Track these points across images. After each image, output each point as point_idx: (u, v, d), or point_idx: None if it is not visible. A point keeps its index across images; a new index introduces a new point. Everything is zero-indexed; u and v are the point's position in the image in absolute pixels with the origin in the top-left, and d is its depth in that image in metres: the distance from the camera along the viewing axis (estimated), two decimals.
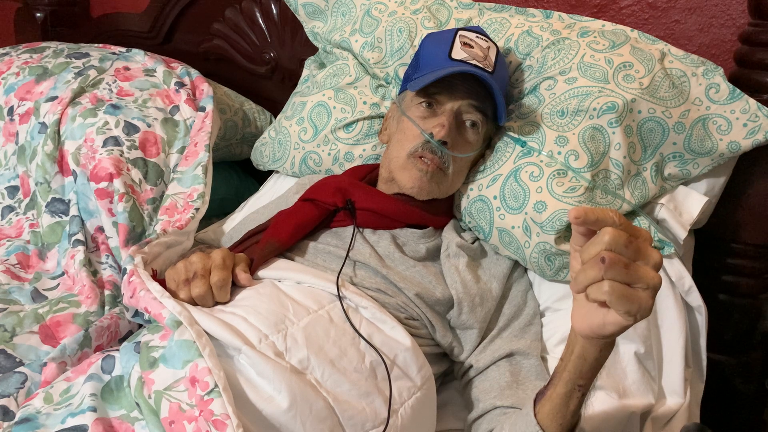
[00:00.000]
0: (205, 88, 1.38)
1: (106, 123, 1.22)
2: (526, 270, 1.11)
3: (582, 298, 0.61)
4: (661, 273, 1.00)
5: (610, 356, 0.97)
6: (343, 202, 1.06)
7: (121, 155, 1.17)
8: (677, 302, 1.03)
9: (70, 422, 0.74)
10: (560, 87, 1.09)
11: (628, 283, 0.57)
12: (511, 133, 1.09)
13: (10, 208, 1.26)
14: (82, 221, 1.15)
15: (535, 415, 0.73)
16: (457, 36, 1.07)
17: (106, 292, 1.07)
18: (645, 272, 0.57)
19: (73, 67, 1.35)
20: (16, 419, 0.77)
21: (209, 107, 1.31)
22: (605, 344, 0.65)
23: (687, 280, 1.03)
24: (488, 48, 1.07)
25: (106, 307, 1.04)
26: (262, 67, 1.60)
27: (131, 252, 0.95)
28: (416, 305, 0.97)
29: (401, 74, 1.23)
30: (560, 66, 1.10)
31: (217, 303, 0.88)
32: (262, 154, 1.37)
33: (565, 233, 1.01)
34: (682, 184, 1.10)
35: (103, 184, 1.14)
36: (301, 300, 0.88)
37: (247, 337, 0.80)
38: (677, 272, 1.03)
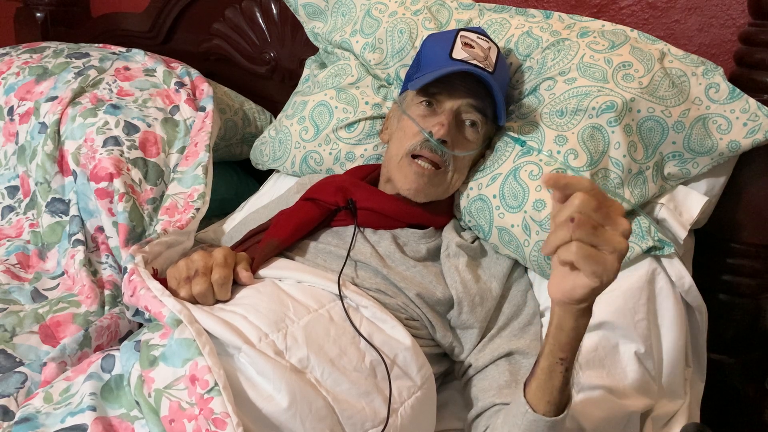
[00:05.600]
0: (205, 88, 1.38)
1: (106, 123, 1.22)
2: (526, 270, 1.11)
3: (557, 266, 0.64)
4: (661, 272, 1.03)
5: (610, 356, 0.99)
6: (344, 202, 1.06)
7: (121, 155, 1.17)
8: (677, 302, 1.03)
9: (70, 421, 0.74)
10: (560, 87, 1.09)
11: (596, 245, 0.60)
12: (511, 133, 1.10)
13: (10, 208, 1.26)
14: (82, 221, 1.15)
15: (525, 396, 0.75)
16: (458, 36, 1.07)
17: (106, 292, 1.07)
18: (612, 236, 0.61)
19: (73, 67, 1.35)
20: (15, 419, 0.77)
21: (209, 107, 1.31)
22: (579, 311, 0.67)
23: (687, 280, 1.03)
24: (489, 48, 1.07)
25: (106, 307, 1.04)
26: (262, 67, 1.60)
27: (132, 251, 0.95)
28: (417, 305, 0.97)
29: (402, 75, 1.23)
30: (560, 66, 1.10)
31: (218, 301, 0.88)
32: (262, 153, 1.37)
33: None
34: (682, 183, 1.10)
35: (103, 184, 1.14)
36: (302, 299, 0.88)
37: (247, 336, 0.80)
38: (677, 272, 1.03)
